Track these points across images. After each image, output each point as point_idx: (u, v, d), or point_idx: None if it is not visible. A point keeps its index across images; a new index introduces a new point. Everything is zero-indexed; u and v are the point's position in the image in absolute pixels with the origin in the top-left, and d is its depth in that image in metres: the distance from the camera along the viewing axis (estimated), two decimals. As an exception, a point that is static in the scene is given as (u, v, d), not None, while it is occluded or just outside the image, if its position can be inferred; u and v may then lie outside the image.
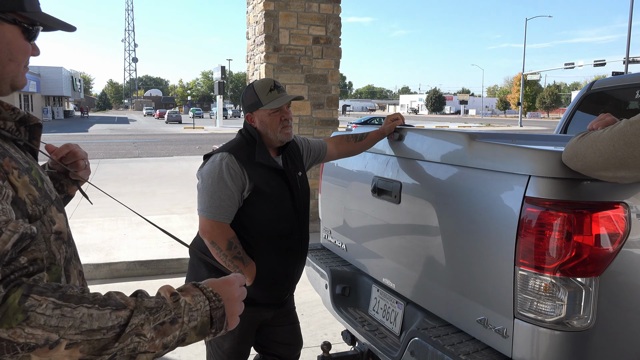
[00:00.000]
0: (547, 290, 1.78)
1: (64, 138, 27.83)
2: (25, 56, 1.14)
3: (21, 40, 1.11)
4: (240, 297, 1.14)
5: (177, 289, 1.05)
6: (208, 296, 1.06)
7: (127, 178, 12.26)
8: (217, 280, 1.12)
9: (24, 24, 1.11)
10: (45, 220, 1.04)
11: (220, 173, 2.12)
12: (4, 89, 1.13)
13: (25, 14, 1.10)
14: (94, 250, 5.82)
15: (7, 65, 1.10)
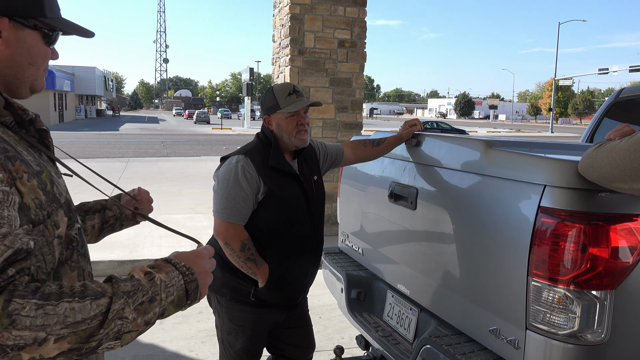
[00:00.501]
0: (560, 302, 1.75)
1: (96, 137, 28.46)
2: (45, 60, 1.18)
3: (41, 45, 1.15)
4: (210, 269, 1.17)
5: (149, 266, 1.08)
6: (181, 271, 1.09)
7: (155, 177, 12.46)
8: (188, 253, 1.15)
9: (44, 30, 1.14)
10: (49, 224, 1.05)
11: (236, 175, 2.15)
12: (24, 92, 1.17)
13: (46, 20, 1.13)
14: (119, 247, 5.94)
15: (27, 69, 1.14)
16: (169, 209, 8.34)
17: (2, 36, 1.08)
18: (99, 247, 5.88)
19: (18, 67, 1.12)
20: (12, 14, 1.07)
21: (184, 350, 3.75)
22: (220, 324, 2.36)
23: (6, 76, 1.12)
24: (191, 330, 4.07)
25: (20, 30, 1.10)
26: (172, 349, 3.77)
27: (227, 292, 2.27)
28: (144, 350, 3.74)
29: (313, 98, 6.71)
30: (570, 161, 1.77)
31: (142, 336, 3.94)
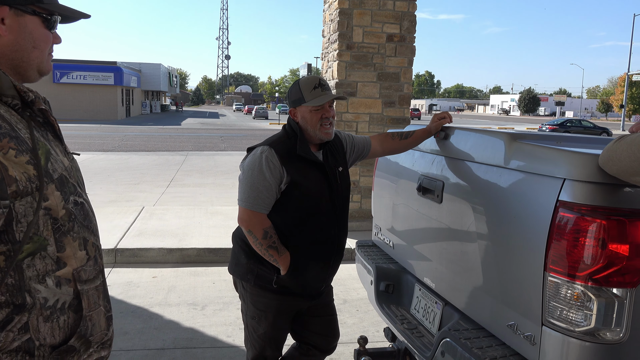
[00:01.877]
0: (578, 299, 1.71)
1: (159, 131, 29.59)
2: (47, 44, 1.27)
3: (42, 29, 1.25)
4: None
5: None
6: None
7: (211, 170, 12.84)
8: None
9: (43, 14, 1.24)
10: (37, 197, 1.14)
11: (260, 165, 2.22)
12: (32, 75, 1.27)
13: (43, 5, 1.23)
14: (169, 235, 6.19)
15: (31, 53, 1.24)
16: (220, 201, 8.59)
17: (5, 23, 1.18)
18: (149, 235, 6.17)
19: (23, 51, 1.22)
20: (12, 2, 1.18)
21: (221, 336, 3.88)
22: (245, 309, 2.44)
23: (14, 60, 1.22)
24: (230, 317, 4.20)
25: (20, 16, 1.20)
26: (211, 333, 3.91)
27: (252, 279, 2.34)
28: (184, 333, 3.90)
29: (360, 93, 6.72)
30: (591, 154, 1.71)
31: (183, 320, 4.12)
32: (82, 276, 1.26)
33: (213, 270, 5.40)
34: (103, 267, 1.38)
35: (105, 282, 1.39)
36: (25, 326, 1.15)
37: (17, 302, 1.14)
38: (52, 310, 1.19)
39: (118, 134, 25.49)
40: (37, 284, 1.17)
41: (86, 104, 40.84)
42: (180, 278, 5.17)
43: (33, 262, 1.16)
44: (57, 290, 1.20)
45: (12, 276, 1.13)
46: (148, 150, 18.26)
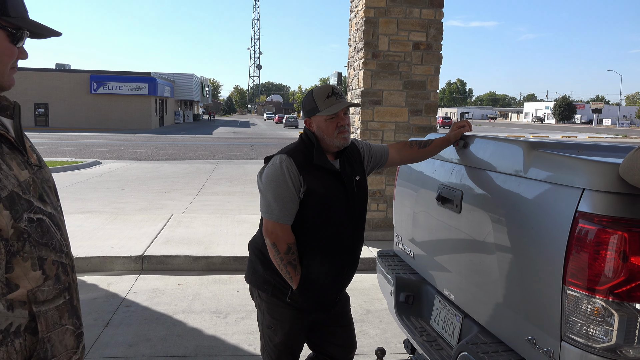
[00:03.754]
0: (598, 314, 1.64)
1: (191, 140, 30.07)
2: (10, 58, 1.22)
3: (5, 42, 1.20)
4: None
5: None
6: None
7: (240, 178, 12.97)
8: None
9: (8, 28, 1.19)
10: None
11: (283, 176, 2.21)
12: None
13: (9, 19, 1.19)
14: (195, 243, 6.26)
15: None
16: (248, 209, 8.66)
17: None
18: (176, 243, 6.25)
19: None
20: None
21: (243, 344, 3.89)
22: (261, 318, 2.43)
23: None
24: (253, 326, 4.20)
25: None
26: (233, 342, 3.92)
27: (269, 289, 2.34)
28: (206, 341, 3.92)
29: (386, 101, 6.69)
30: (611, 163, 1.65)
31: (206, 328, 4.14)
32: (39, 297, 1.19)
33: (238, 278, 5.42)
34: (71, 283, 1.30)
35: (74, 298, 1.31)
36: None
37: None
38: (4, 334, 1.13)
39: (151, 143, 26.01)
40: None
41: (121, 113, 41.88)
42: (205, 286, 5.21)
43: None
44: (9, 314, 1.14)
45: None
46: (180, 159, 18.57)
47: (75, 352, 1.30)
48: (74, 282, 1.31)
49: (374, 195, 6.77)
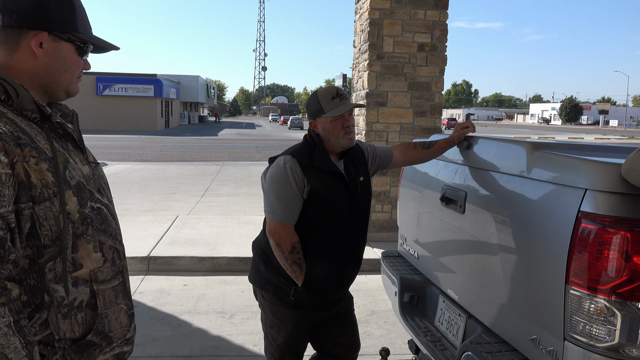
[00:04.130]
0: (600, 313, 1.65)
1: (196, 141, 30.15)
2: (78, 69, 1.40)
3: (74, 55, 1.38)
4: None
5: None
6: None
7: (245, 180, 12.99)
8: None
9: (77, 42, 1.37)
10: (55, 202, 1.25)
11: (286, 176, 2.23)
12: (60, 95, 1.40)
13: (78, 34, 1.36)
14: (201, 244, 6.29)
15: (62, 75, 1.37)
16: (253, 210, 8.69)
17: (42, 47, 1.31)
18: (182, 244, 6.28)
19: (54, 73, 1.35)
20: (51, 29, 1.31)
21: (248, 344, 3.90)
22: (264, 318, 2.45)
23: (44, 80, 1.35)
24: (258, 326, 4.21)
25: (57, 42, 1.33)
26: (238, 342, 3.94)
27: (271, 289, 2.35)
28: (212, 341, 3.94)
29: (391, 103, 6.70)
30: (613, 164, 1.66)
31: (211, 328, 4.17)
32: (99, 277, 1.36)
33: (243, 279, 5.44)
34: (123, 268, 1.46)
35: (127, 281, 1.47)
36: (45, 322, 1.26)
37: (37, 302, 1.25)
38: (69, 307, 1.29)
39: (157, 145, 26.10)
40: (55, 284, 1.27)
41: (127, 115, 42.03)
42: (210, 286, 5.24)
43: (54, 266, 1.26)
44: (74, 290, 1.30)
45: (34, 278, 1.24)
46: (185, 160, 18.64)
47: (128, 330, 1.45)
48: (125, 268, 1.47)
49: (379, 196, 6.78)
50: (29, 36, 1.29)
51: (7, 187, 1.16)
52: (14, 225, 1.19)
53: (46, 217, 1.23)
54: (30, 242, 1.22)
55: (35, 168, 1.21)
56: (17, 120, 1.25)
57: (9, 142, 1.18)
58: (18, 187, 1.18)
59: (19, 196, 1.19)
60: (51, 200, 1.24)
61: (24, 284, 1.23)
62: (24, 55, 1.30)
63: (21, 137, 1.22)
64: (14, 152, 1.18)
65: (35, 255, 1.23)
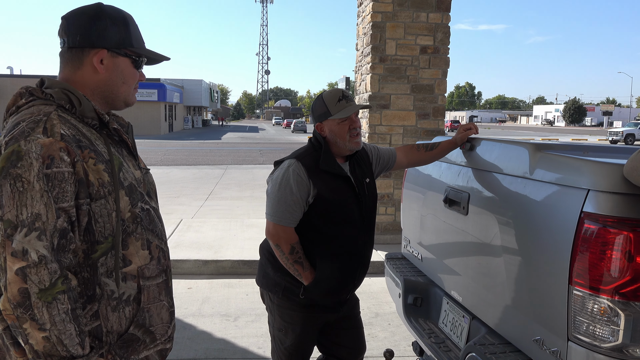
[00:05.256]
0: (604, 313, 1.66)
1: (200, 145, 30.22)
2: (134, 80, 1.53)
3: (131, 68, 1.51)
4: None
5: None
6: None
7: (249, 183, 13.02)
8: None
9: (132, 57, 1.51)
10: (110, 200, 1.36)
11: (288, 180, 2.24)
12: (119, 105, 1.54)
13: (133, 49, 1.49)
14: (205, 247, 6.30)
15: (121, 87, 1.50)
16: (257, 214, 8.70)
17: (103, 63, 1.45)
18: (186, 247, 6.30)
19: (114, 85, 1.49)
20: (110, 46, 1.45)
21: (252, 347, 3.91)
22: (272, 321, 2.46)
23: (105, 92, 1.48)
24: (262, 329, 4.24)
25: (115, 57, 1.47)
26: (242, 345, 3.95)
27: (279, 291, 2.36)
28: (216, 344, 3.95)
29: (394, 105, 6.71)
30: (616, 164, 1.67)
31: (216, 331, 4.18)
32: (146, 273, 1.45)
33: (247, 282, 5.46)
34: (167, 267, 1.55)
35: (169, 281, 1.56)
36: (96, 314, 1.36)
37: (89, 294, 1.35)
38: (117, 301, 1.39)
39: (161, 149, 26.18)
40: (106, 278, 1.37)
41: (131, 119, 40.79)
42: (215, 289, 5.25)
43: (105, 260, 1.37)
44: (123, 284, 1.40)
45: (88, 271, 1.35)
46: (189, 164, 18.68)
47: (169, 326, 1.54)
48: (169, 267, 1.56)
49: (382, 198, 6.78)
50: (91, 54, 1.43)
51: (70, 183, 1.28)
52: (74, 219, 1.29)
53: (101, 213, 1.34)
54: (87, 236, 1.33)
55: (94, 168, 1.33)
56: (79, 125, 1.37)
57: (71, 144, 1.30)
58: (78, 184, 1.29)
59: (78, 193, 1.30)
60: (106, 198, 1.35)
61: (78, 276, 1.33)
62: (87, 71, 1.44)
63: (82, 140, 1.34)
64: (75, 153, 1.30)
65: (90, 250, 1.34)
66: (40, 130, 1.27)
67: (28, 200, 1.22)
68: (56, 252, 1.24)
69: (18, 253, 1.20)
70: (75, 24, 1.43)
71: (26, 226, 1.21)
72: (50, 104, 1.37)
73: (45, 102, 1.37)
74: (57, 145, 1.27)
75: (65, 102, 1.37)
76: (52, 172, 1.25)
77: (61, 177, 1.26)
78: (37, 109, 1.34)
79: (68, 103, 1.37)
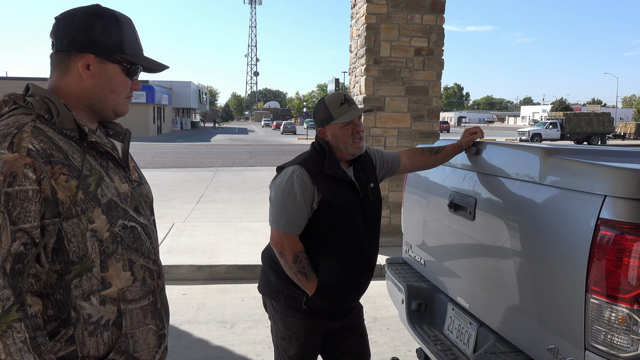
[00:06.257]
0: (623, 322, 1.62)
1: (189, 147, 30.03)
2: (124, 90, 1.41)
3: (121, 76, 1.39)
4: None
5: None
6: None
7: (240, 186, 12.93)
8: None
9: (123, 64, 1.38)
10: (83, 219, 1.25)
11: (291, 186, 2.19)
12: (108, 114, 1.43)
13: (125, 55, 1.37)
14: (199, 252, 6.22)
15: (108, 96, 1.39)
16: (249, 217, 8.62)
17: (90, 69, 1.34)
18: (179, 252, 6.21)
19: (101, 93, 1.37)
20: (97, 51, 1.34)
21: (251, 355, 3.84)
22: (275, 330, 2.40)
23: (91, 100, 1.37)
24: (260, 335, 4.17)
25: (103, 63, 1.36)
26: (240, 352, 3.88)
27: (282, 299, 2.31)
28: (213, 352, 3.88)
29: (388, 107, 6.68)
30: (633, 170, 1.63)
31: (213, 338, 4.10)
32: (127, 296, 1.35)
33: (242, 287, 5.38)
34: (155, 287, 1.45)
35: (158, 302, 1.45)
36: (71, 338, 1.27)
37: (63, 317, 1.26)
38: (95, 325, 1.29)
39: (150, 151, 25.97)
40: (82, 301, 1.28)
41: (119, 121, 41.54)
42: (210, 295, 5.17)
43: (80, 283, 1.27)
44: (101, 308, 1.30)
45: (61, 293, 1.25)
46: (179, 166, 18.53)
47: (157, 351, 1.44)
48: (158, 287, 1.46)
49: (377, 201, 6.74)
50: (77, 59, 1.33)
51: (34, 202, 1.18)
52: (39, 241, 1.20)
53: (74, 233, 1.25)
54: (60, 257, 1.24)
55: (64, 185, 1.23)
56: (55, 138, 1.27)
57: (38, 160, 1.20)
58: (44, 203, 1.20)
59: (44, 212, 1.20)
60: (79, 217, 1.25)
61: (50, 298, 1.24)
62: (73, 77, 1.34)
63: (54, 155, 1.24)
64: (43, 169, 1.20)
65: (63, 271, 1.25)
66: (5, 145, 1.18)
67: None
68: (10, 278, 1.14)
69: None
70: (64, 25, 1.34)
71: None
72: (30, 113, 1.28)
73: (25, 111, 1.29)
74: (21, 161, 1.17)
75: (44, 111, 1.29)
76: (14, 190, 1.15)
77: (24, 196, 1.16)
78: (14, 120, 1.26)
79: (47, 113, 1.29)
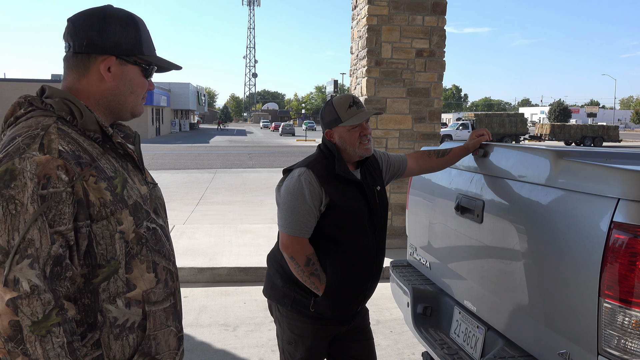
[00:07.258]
0: (637, 326, 1.60)
1: (188, 149, 29.99)
2: (143, 90, 1.43)
3: (140, 77, 1.41)
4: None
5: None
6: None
7: (240, 187, 12.91)
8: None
9: (142, 65, 1.40)
10: (112, 220, 1.26)
11: (300, 189, 2.16)
12: (125, 116, 1.43)
13: (143, 56, 1.39)
14: (199, 254, 6.19)
15: (128, 97, 1.40)
16: (249, 219, 8.59)
17: (111, 71, 1.35)
18: (180, 254, 6.17)
19: (121, 95, 1.38)
20: (118, 53, 1.35)
21: (254, 358, 3.82)
22: (281, 334, 2.38)
23: (111, 102, 1.38)
24: (262, 338, 4.14)
25: (124, 65, 1.37)
26: (243, 356, 3.85)
27: (288, 303, 2.28)
28: (216, 355, 3.85)
29: (389, 109, 6.66)
30: (648, 172, 1.61)
31: (215, 342, 4.07)
32: (151, 298, 1.35)
33: (244, 289, 5.36)
34: (176, 289, 1.45)
35: (178, 304, 1.46)
36: (97, 343, 1.26)
37: (90, 321, 1.26)
38: (121, 328, 1.29)
39: (148, 153, 25.91)
40: (108, 305, 1.28)
41: (118, 123, 41.69)
42: (211, 298, 5.14)
43: (107, 285, 1.27)
44: (127, 311, 1.30)
45: (88, 297, 1.25)
46: (178, 168, 18.49)
47: (177, 353, 1.43)
48: (177, 289, 1.46)
49: (379, 203, 6.72)
50: (98, 61, 1.33)
51: (68, 205, 1.18)
52: (73, 243, 1.20)
53: (103, 235, 1.25)
54: (87, 260, 1.24)
55: (94, 187, 1.23)
56: (80, 139, 1.27)
57: (70, 161, 1.20)
58: (77, 205, 1.20)
59: (77, 214, 1.20)
60: (108, 219, 1.26)
61: (78, 303, 1.24)
62: (92, 79, 1.34)
63: (82, 157, 1.24)
64: (74, 171, 1.20)
65: (90, 275, 1.25)
66: (36, 147, 1.18)
67: (21, 224, 1.12)
68: (50, 281, 1.15)
69: (9, 282, 1.11)
70: (82, 27, 1.32)
71: (18, 253, 1.12)
72: (50, 115, 1.27)
73: (44, 113, 1.28)
74: (54, 163, 1.17)
75: (66, 113, 1.28)
76: (48, 192, 1.15)
77: (58, 198, 1.16)
78: (36, 122, 1.25)
79: (69, 114, 1.28)
